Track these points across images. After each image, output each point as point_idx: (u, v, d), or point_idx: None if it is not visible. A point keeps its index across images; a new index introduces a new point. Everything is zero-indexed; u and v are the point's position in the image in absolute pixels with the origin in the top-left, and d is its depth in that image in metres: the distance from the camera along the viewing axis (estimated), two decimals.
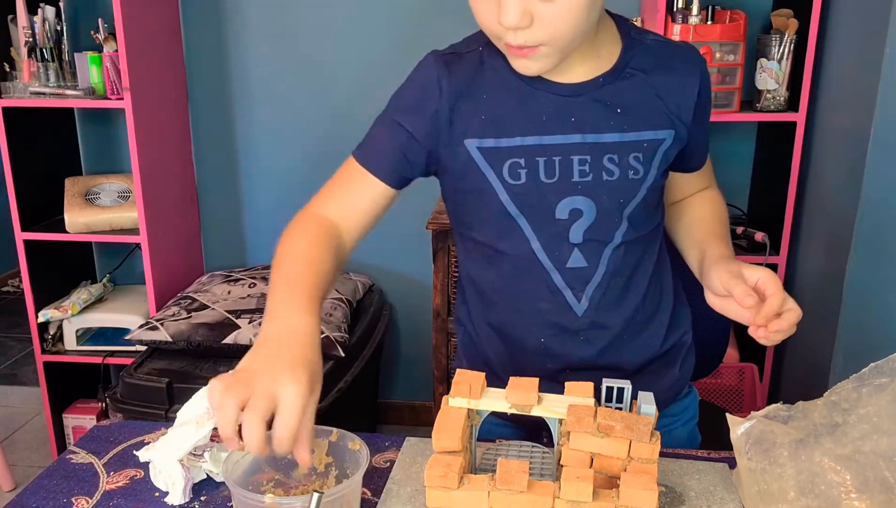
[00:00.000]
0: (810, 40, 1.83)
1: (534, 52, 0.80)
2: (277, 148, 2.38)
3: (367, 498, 0.83)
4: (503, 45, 0.82)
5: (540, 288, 0.92)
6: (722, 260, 0.90)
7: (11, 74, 2.08)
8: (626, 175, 0.88)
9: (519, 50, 0.80)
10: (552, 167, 0.87)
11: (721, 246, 0.94)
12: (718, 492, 0.83)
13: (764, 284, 0.85)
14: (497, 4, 0.77)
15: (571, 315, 0.92)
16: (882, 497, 0.70)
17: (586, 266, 0.91)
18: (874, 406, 0.74)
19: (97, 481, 0.87)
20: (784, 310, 0.84)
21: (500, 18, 0.77)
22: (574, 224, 0.89)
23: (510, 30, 0.78)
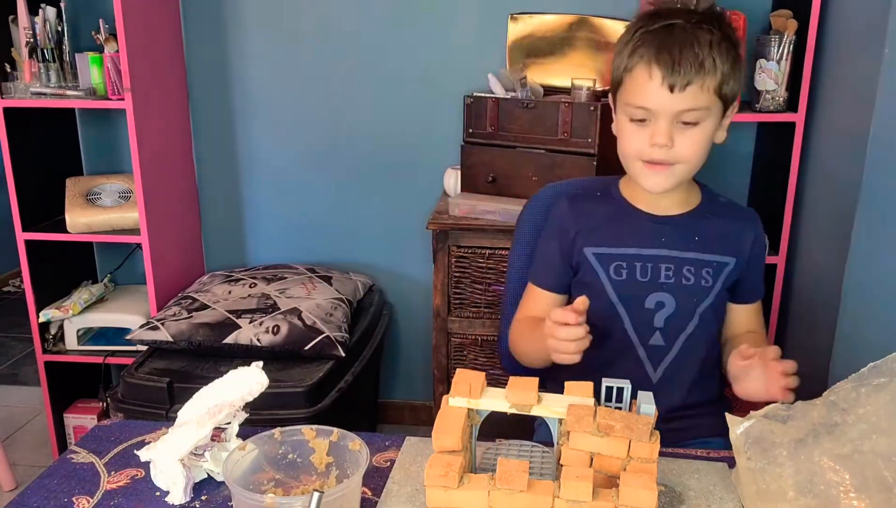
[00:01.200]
0: (809, 41, 1.83)
1: (668, 169, 1.09)
2: (277, 148, 2.38)
3: (367, 498, 0.83)
4: (640, 166, 1.11)
5: (626, 359, 1.18)
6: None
7: (12, 74, 2.08)
8: (699, 283, 1.16)
9: (657, 166, 1.09)
10: (646, 271, 1.16)
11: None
12: (718, 492, 0.83)
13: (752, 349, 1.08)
14: (646, 131, 1.08)
15: (648, 383, 1.18)
16: (881, 496, 0.70)
17: (664, 345, 1.18)
18: (873, 406, 0.75)
19: (98, 480, 0.87)
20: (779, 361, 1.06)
21: (652, 139, 1.07)
22: (658, 313, 1.17)
23: (658, 147, 1.07)
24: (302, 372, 1.85)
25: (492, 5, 2.18)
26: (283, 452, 0.82)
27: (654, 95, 1.06)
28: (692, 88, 1.05)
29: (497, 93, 2.04)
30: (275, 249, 2.47)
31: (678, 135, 1.08)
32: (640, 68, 1.08)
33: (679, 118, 1.07)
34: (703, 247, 1.17)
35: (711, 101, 1.07)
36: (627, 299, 1.18)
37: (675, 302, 1.16)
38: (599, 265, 1.18)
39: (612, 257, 1.18)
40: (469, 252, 1.97)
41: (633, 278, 1.17)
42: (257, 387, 0.87)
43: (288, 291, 2.09)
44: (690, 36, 1.06)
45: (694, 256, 1.17)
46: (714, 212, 1.20)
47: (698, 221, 1.19)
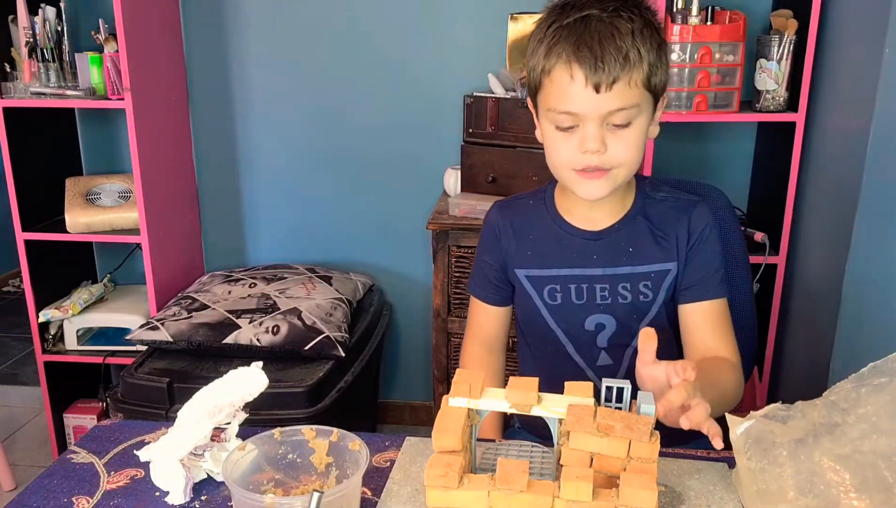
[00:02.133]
0: (810, 41, 1.83)
1: (604, 175, 1.01)
2: (277, 148, 2.38)
3: (367, 498, 0.83)
4: (572, 175, 1.02)
5: (576, 378, 1.11)
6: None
7: (12, 74, 2.08)
8: (637, 298, 1.10)
9: (592, 173, 1.00)
10: (581, 292, 1.11)
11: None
12: (718, 492, 0.83)
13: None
14: (574, 138, 0.99)
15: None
16: (881, 496, 0.70)
17: (612, 363, 1.13)
18: (873, 406, 0.75)
19: (98, 480, 0.87)
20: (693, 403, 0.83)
21: (583, 145, 0.98)
22: (599, 334, 1.12)
23: (591, 154, 0.98)
24: (302, 372, 1.85)
25: (492, 5, 2.18)
26: (282, 452, 0.82)
27: (579, 98, 0.96)
28: (619, 86, 0.95)
29: (497, 93, 2.04)
30: (275, 249, 2.47)
31: (610, 138, 0.98)
32: (559, 69, 0.97)
33: (609, 120, 0.97)
34: (637, 258, 1.10)
35: (641, 96, 0.97)
36: (565, 323, 1.13)
37: (616, 321, 1.11)
38: (532, 289, 1.13)
39: (545, 279, 1.12)
40: (469, 252, 1.97)
41: (568, 302, 1.12)
42: (257, 387, 0.87)
43: (288, 291, 2.09)
44: (609, 27, 0.95)
45: (629, 270, 1.10)
46: (650, 213, 1.11)
47: (631, 228, 1.10)
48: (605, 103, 0.96)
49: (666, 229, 1.10)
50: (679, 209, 1.12)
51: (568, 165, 1.01)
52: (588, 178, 1.01)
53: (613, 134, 0.98)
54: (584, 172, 1.00)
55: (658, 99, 1.02)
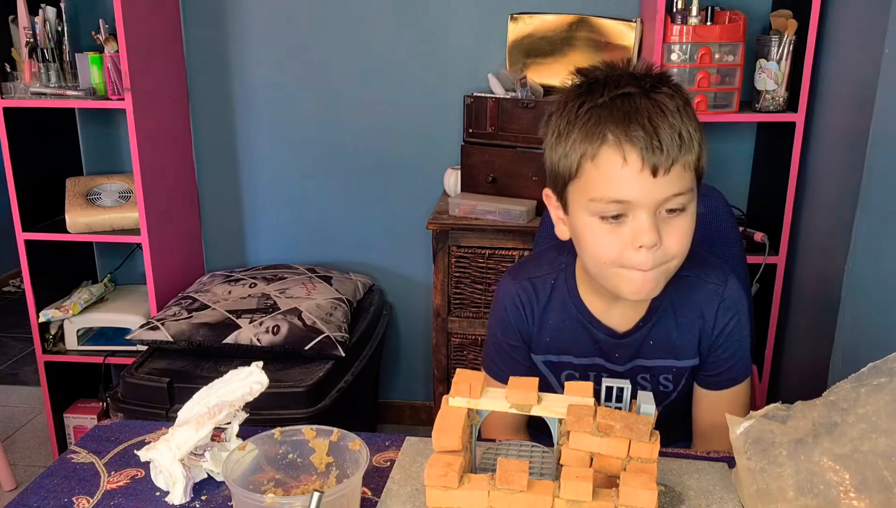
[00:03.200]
0: (809, 41, 1.83)
1: (657, 270, 0.90)
2: (277, 148, 2.38)
3: (367, 498, 0.83)
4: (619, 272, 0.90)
5: None
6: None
7: (12, 74, 2.09)
8: (658, 389, 1.06)
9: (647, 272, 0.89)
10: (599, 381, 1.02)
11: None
12: (717, 492, 0.83)
13: None
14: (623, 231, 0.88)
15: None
16: (880, 496, 0.70)
17: None
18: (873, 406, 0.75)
19: (98, 480, 0.87)
20: None
21: (637, 239, 0.87)
22: None
23: (647, 249, 0.87)
24: (302, 372, 1.85)
25: (492, 5, 2.18)
26: (283, 452, 0.82)
27: (634, 184, 0.85)
28: (677, 169, 0.85)
29: (497, 93, 2.04)
30: (275, 249, 2.47)
31: (664, 228, 0.88)
32: (606, 152, 0.86)
33: (663, 207, 0.87)
34: (659, 353, 1.04)
35: (693, 180, 0.88)
36: None
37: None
38: (550, 373, 1.08)
39: (563, 365, 1.07)
40: (469, 252, 1.97)
41: None
42: (257, 387, 0.87)
43: (288, 291, 2.09)
44: (656, 104, 0.86)
45: (649, 363, 1.04)
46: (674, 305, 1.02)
47: (656, 326, 1.03)
48: (662, 189, 0.85)
49: (691, 326, 1.03)
50: (706, 299, 1.03)
51: (616, 263, 0.90)
52: (639, 275, 0.90)
53: (667, 224, 0.88)
54: (634, 269, 0.89)
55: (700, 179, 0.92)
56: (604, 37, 2.14)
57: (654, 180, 0.85)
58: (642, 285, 0.91)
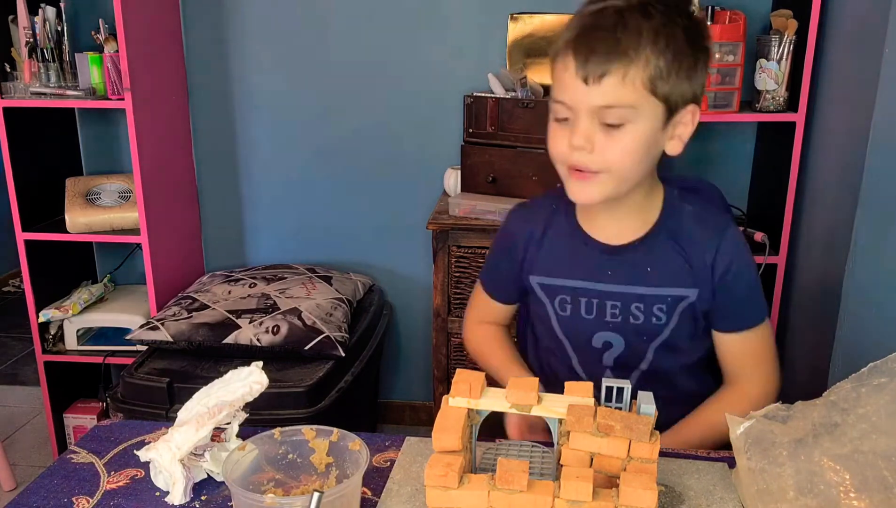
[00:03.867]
0: (810, 41, 1.83)
1: (593, 177, 0.95)
2: (277, 148, 2.38)
3: (367, 498, 0.83)
4: (565, 170, 0.97)
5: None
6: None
7: (12, 74, 2.08)
8: (650, 321, 1.05)
9: (581, 174, 0.95)
10: (591, 307, 1.07)
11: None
12: (718, 492, 0.83)
13: None
14: (568, 131, 0.94)
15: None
16: (881, 496, 0.70)
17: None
18: (873, 406, 0.75)
19: (98, 480, 0.87)
20: None
21: (572, 140, 0.93)
22: (606, 352, 1.09)
23: (576, 150, 0.93)
24: (302, 372, 1.85)
25: (492, 5, 2.18)
26: (283, 452, 0.82)
27: (570, 87, 0.92)
28: (610, 80, 0.89)
29: (497, 93, 2.04)
30: (275, 249, 2.47)
31: (601, 137, 0.93)
32: (560, 57, 0.94)
33: (601, 117, 0.92)
34: (656, 279, 1.04)
35: (640, 98, 0.90)
36: (573, 336, 1.10)
37: (624, 342, 1.08)
38: (545, 296, 1.11)
39: (557, 289, 1.09)
40: (469, 252, 1.97)
41: (577, 315, 1.08)
42: (257, 387, 0.87)
43: (288, 291, 2.09)
44: (618, 19, 0.90)
45: (644, 291, 1.04)
46: (675, 231, 1.04)
47: (653, 246, 1.04)
48: (594, 96, 0.91)
49: (691, 253, 1.04)
50: (708, 234, 1.04)
51: (561, 160, 0.97)
52: (577, 178, 0.96)
53: (606, 134, 0.93)
54: (573, 170, 0.96)
55: (675, 112, 0.95)
56: None
57: (586, 87, 0.91)
58: (581, 188, 0.97)
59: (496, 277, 1.20)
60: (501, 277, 1.18)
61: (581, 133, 0.93)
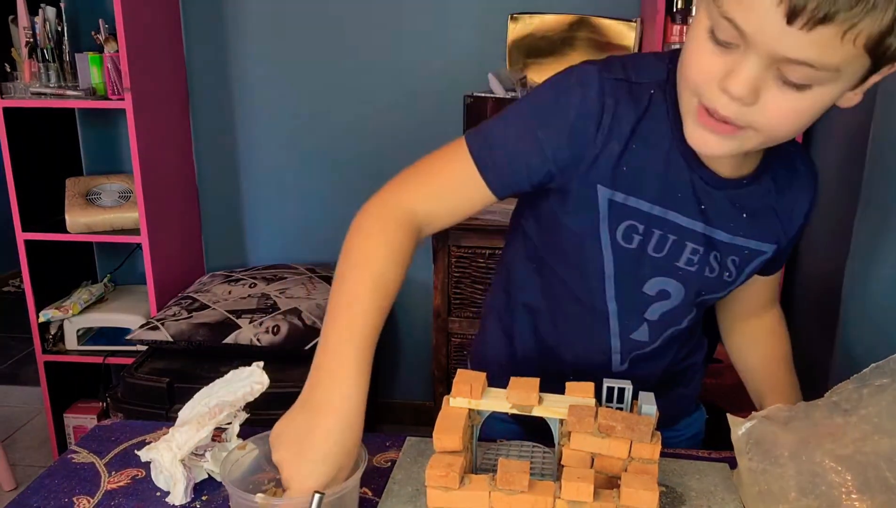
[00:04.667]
0: None
1: (734, 132, 0.71)
2: (278, 148, 2.38)
3: (367, 498, 0.83)
4: (695, 105, 0.72)
5: (594, 344, 0.93)
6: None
7: (12, 74, 2.08)
8: (722, 275, 0.88)
9: (719, 123, 0.71)
10: (664, 243, 0.85)
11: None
12: (719, 492, 0.83)
13: None
14: (727, 62, 0.67)
15: (607, 370, 0.94)
16: (883, 497, 0.70)
17: (647, 341, 0.93)
18: (875, 407, 0.74)
19: (98, 480, 0.87)
20: None
21: (726, 82, 0.67)
22: (656, 303, 0.89)
23: (731, 99, 0.68)
24: (302, 372, 1.84)
25: (492, 5, 2.18)
26: None
27: (759, 14, 0.62)
28: (827, 32, 0.61)
29: (497, 93, 2.04)
30: (275, 249, 2.47)
31: (770, 91, 0.67)
32: None
33: (783, 70, 0.65)
34: (744, 228, 0.86)
35: (851, 59, 0.63)
36: (625, 275, 0.86)
37: (683, 295, 0.88)
38: (608, 217, 0.83)
39: (629, 211, 0.82)
40: (469, 252, 1.97)
41: (642, 250, 0.84)
42: (258, 387, 0.87)
43: (288, 291, 2.09)
44: None
45: (728, 239, 0.86)
46: (775, 175, 0.86)
47: (754, 189, 0.85)
48: (792, 45, 0.62)
49: (784, 203, 0.87)
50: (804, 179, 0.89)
51: (696, 91, 0.71)
52: (710, 126, 0.72)
53: (779, 90, 0.67)
54: (707, 113, 0.71)
55: (878, 69, 0.67)
56: (604, 37, 2.13)
57: (785, 27, 0.62)
58: (709, 140, 0.73)
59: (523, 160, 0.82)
60: (536, 164, 0.81)
61: (746, 80, 0.66)
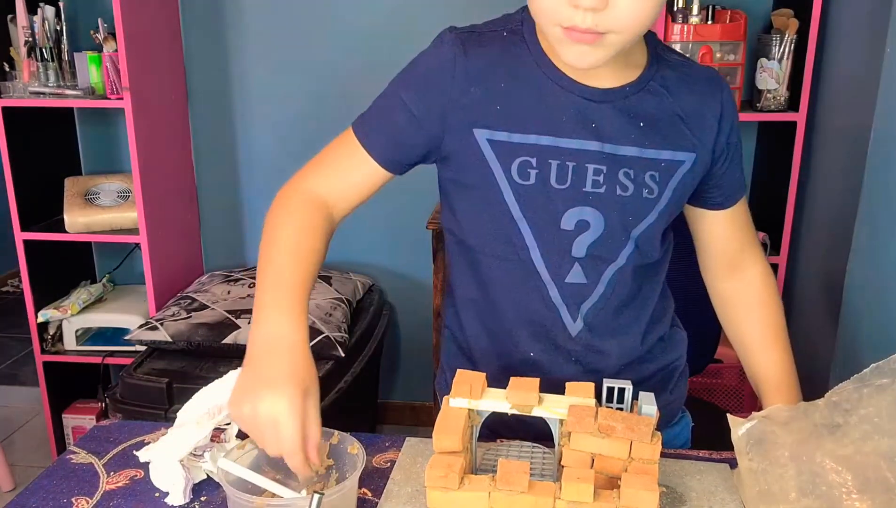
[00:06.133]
0: (810, 40, 1.83)
1: (599, 38, 0.74)
2: (277, 148, 2.38)
3: (367, 498, 0.83)
4: (559, 31, 0.75)
5: (534, 300, 0.88)
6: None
7: (11, 73, 2.08)
8: (641, 193, 0.84)
9: (583, 35, 0.73)
10: (565, 173, 0.82)
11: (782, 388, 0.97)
12: (719, 493, 0.82)
13: None
14: None
15: (565, 334, 0.89)
16: (883, 497, 0.70)
17: (585, 283, 0.87)
18: (875, 407, 0.74)
19: (97, 481, 0.87)
20: None
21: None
22: (578, 237, 0.84)
23: (585, 10, 0.71)
24: None
25: (492, 5, 2.18)
26: None
27: None
28: None
29: None
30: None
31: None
32: None
33: None
34: (648, 138, 0.83)
35: None
36: (536, 214, 0.84)
37: (604, 222, 0.84)
38: (496, 160, 0.82)
39: (517, 148, 0.82)
40: None
41: (545, 184, 0.82)
42: None
43: None
44: None
45: (635, 152, 0.82)
46: (665, 80, 0.85)
47: (644, 96, 0.83)
48: None
49: (687, 108, 0.85)
50: (704, 84, 0.87)
51: (553, 19, 0.75)
52: (576, 41, 0.74)
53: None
54: (571, 31, 0.74)
55: None
56: None
57: None
58: (582, 54, 0.75)
59: (390, 125, 0.87)
60: (401, 124, 0.86)
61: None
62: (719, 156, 0.89)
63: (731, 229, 0.96)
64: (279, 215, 0.88)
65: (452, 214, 0.92)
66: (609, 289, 0.88)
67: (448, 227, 0.95)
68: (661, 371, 0.98)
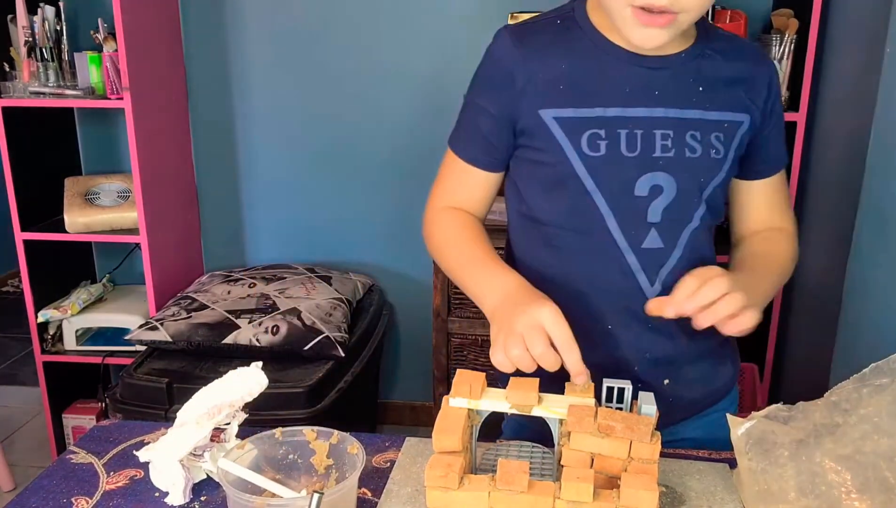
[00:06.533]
0: (810, 40, 1.83)
1: (671, 19, 0.79)
2: (277, 148, 2.38)
3: (367, 498, 0.83)
4: (629, 13, 0.80)
5: (611, 270, 0.90)
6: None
7: (11, 73, 2.08)
8: (708, 154, 0.87)
9: (656, 17, 0.78)
10: (634, 140, 0.85)
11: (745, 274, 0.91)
12: (719, 492, 0.82)
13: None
14: None
15: (643, 300, 0.87)
16: (882, 497, 0.70)
17: (663, 248, 0.89)
18: (875, 407, 0.74)
19: (97, 481, 0.87)
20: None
21: None
22: (653, 202, 0.87)
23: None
24: (301, 372, 1.85)
25: (492, 5, 2.18)
26: (283, 452, 0.82)
27: None
28: None
29: None
30: (274, 249, 2.47)
31: None
32: None
33: None
34: (710, 101, 0.87)
35: None
36: (609, 183, 0.87)
37: (676, 185, 0.87)
38: (564, 136, 0.86)
39: (584, 122, 0.86)
40: None
41: (615, 154, 0.85)
42: (257, 387, 0.87)
43: (287, 291, 2.09)
44: None
45: (699, 115, 0.87)
46: (719, 48, 0.90)
47: (701, 61, 0.88)
48: None
49: (741, 74, 0.89)
50: (753, 51, 0.93)
51: (623, 2, 0.80)
52: (648, 22, 0.79)
53: None
54: (644, 12, 0.78)
55: None
56: None
57: None
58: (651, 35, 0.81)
59: (476, 133, 0.93)
60: (485, 129, 0.92)
61: None
62: (768, 119, 0.92)
63: (769, 195, 0.97)
64: (436, 230, 0.97)
65: (526, 194, 0.95)
66: (686, 251, 0.90)
67: (519, 209, 0.97)
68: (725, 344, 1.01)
